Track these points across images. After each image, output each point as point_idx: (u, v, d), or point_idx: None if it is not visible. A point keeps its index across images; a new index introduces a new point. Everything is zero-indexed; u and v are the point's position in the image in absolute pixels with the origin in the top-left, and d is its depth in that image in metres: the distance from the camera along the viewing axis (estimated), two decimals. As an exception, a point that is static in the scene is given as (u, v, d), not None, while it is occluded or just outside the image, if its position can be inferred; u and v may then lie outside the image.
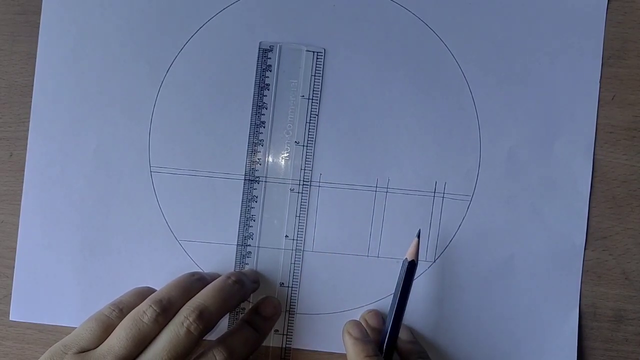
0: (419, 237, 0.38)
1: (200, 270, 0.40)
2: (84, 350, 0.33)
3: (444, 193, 0.40)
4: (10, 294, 0.40)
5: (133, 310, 0.34)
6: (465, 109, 0.40)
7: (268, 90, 0.40)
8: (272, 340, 0.40)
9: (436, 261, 0.40)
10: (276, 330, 0.40)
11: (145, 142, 0.40)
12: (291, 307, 0.40)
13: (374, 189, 0.40)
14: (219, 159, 0.40)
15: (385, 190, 0.40)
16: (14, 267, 0.40)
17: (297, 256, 0.40)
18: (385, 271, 0.40)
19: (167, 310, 0.34)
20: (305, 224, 0.40)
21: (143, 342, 0.33)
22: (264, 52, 0.40)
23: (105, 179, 0.40)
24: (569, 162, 0.40)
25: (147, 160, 0.40)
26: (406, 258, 0.38)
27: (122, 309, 0.35)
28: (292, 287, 0.40)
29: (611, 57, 0.40)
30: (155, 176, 0.40)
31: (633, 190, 0.40)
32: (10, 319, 0.40)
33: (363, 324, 0.39)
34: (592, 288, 0.40)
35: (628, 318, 0.40)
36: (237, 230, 0.40)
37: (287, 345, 0.40)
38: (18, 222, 0.40)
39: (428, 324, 0.40)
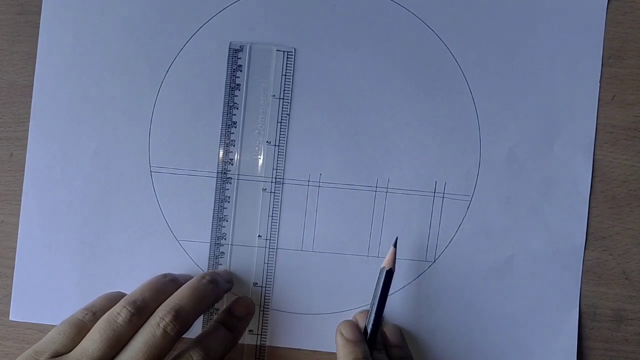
0: (395, 246, 0.38)
1: (181, 272, 0.40)
2: (57, 355, 0.33)
3: (444, 193, 0.40)
4: (10, 294, 0.40)
5: (107, 312, 0.34)
6: (465, 109, 0.40)
7: (239, 90, 0.40)
8: (247, 339, 0.40)
9: (436, 261, 0.40)
10: (250, 330, 0.40)
11: (145, 142, 0.40)
12: (265, 306, 0.40)
13: (374, 189, 0.40)
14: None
15: (385, 190, 0.40)
16: (14, 267, 0.40)
17: (270, 256, 0.40)
18: (385, 271, 0.40)
19: (141, 311, 0.34)
20: (278, 224, 0.40)
21: (118, 343, 0.33)
22: (234, 52, 0.40)
23: (105, 179, 0.40)
24: (569, 162, 0.40)
25: (147, 160, 0.40)
26: (384, 267, 0.38)
27: (95, 312, 0.35)
28: (265, 286, 0.40)
29: (611, 57, 0.40)
30: (155, 176, 0.40)
31: (633, 190, 0.40)
32: (10, 319, 0.40)
33: (339, 335, 0.38)
34: (592, 288, 0.40)
35: (628, 318, 0.40)
36: (210, 230, 0.40)
37: (261, 342, 0.40)
38: (18, 222, 0.40)
39: (428, 323, 0.40)
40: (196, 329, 0.39)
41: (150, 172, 0.40)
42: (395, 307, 0.40)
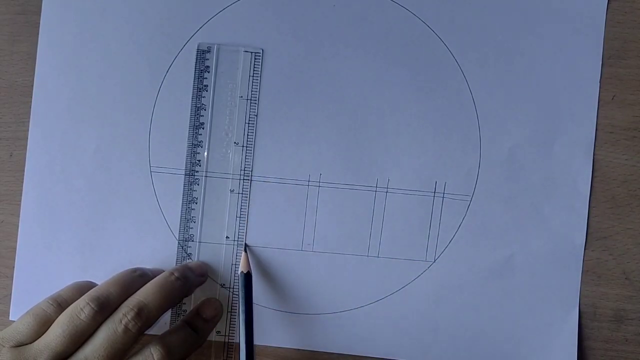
0: (246, 250, 0.39)
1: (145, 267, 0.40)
2: (20, 344, 0.33)
3: (444, 193, 0.40)
4: (10, 294, 0.40)
5: (70, 306, 0.34)
6: (465, 109, 0.40)
7: (206, 91, 0.40)
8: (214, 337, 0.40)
9: (436, 261, 0.40)
10: (218, 332, 0.40)
11: (145, 142, 0.40)
12: (232, 308, 0.40)
13: (374, 189, 0.40)
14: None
15: (385, 190, 0.40)
16: (14, 267, 0.40)
17: (238, 257, 0.40)
18: (385, 271, 0.40)
19: (104, 308, 0.34)
20: (246, 225, 0.40)
21: (80, 338, 0.33)
22: (202, 54, 0.40)
23: (105, 179, 0.40)
24: (569, 162, 0.40)
25: (147, 160, 0.40)
26: (242, 271, 0.38)
27: (60, 304, 0.35)
28: (233, 288, 0.40)
29: (611, 57, 0.40)
30: (155, 176, 0.40)
31: (633, 190, 0.40)
32: (10, 319, 0.40)
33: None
34: (592, 288, 0.40)
35: (628, 318, 0.40)
36: (178, 231, 0.40)
37: (229, 341, 0.40)
38: (18, 222, 0.40)
39: (427, 323, 0.40)
40: (165, 321, 0.39)
41: (150, 172, 0.40)
42: (395, 307, 0.40)
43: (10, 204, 0.40)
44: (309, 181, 0.40)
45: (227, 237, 0.40)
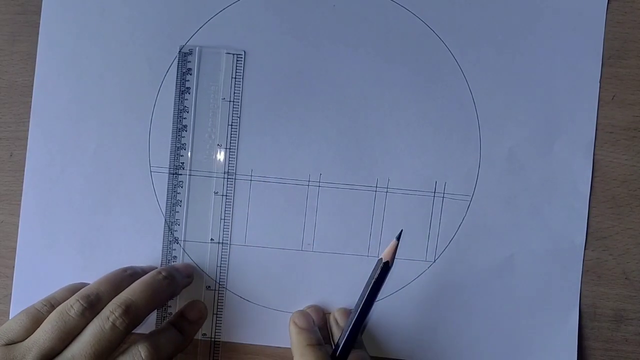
0: (398, 239, 0.36)
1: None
2: (11, 343, 0.33)
3: (444, 193, 0.40)
4: (10, 294, 0.40)
5: (60, 305, 0.34)
6: (465, 109, 0.40)
7: (189, 93, 0.40)
8: (200, 335, 0.40)
9: (436, 261, 0.40)
10: (204, 334, 0.40)
11: (145, 142, 0.40)
12: (218, 310, 0.40)
13: (374, 189, 0.40)
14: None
15: (385, 190, 0.40)
16: (14, 267, 0.40)
17: (222, 259, 0.40)
18: (385, 271, 0.40)
19: (94, 305, 0.34)
20: (230, 226, 0.40)
21: (69, 336, 0.33)
22: (184, 56, 0.40)
23: (105, 179, 0.40)
24: (569, 162, 0.40)
25: (147, 160, 0.40)
26: (381, 258, 0.36)
27: (53, 305, 0.35)
28: (218, 290, 0.40)
29: (611, 57, 0.40)
30: (155, 176, 0.40)
31: (633, 190, 0.40)
32: (10, 318, 0.40)
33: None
34: (592, 288, 0.40)
35: (628, 318, 0.40)
36: (162, 233, 0.40)
37: (214, 345, 0.40)
38: (18, 222, 0.40)
39: (427, 323, 0.40)
40: (151, 323, 0.40)
41: (150, 172, 0.40)
42: (395, 307, 0.40)
43: (10, 204, 0.40)
44: (309, 181, 0.40)
45: (211, 239, 0.40)
